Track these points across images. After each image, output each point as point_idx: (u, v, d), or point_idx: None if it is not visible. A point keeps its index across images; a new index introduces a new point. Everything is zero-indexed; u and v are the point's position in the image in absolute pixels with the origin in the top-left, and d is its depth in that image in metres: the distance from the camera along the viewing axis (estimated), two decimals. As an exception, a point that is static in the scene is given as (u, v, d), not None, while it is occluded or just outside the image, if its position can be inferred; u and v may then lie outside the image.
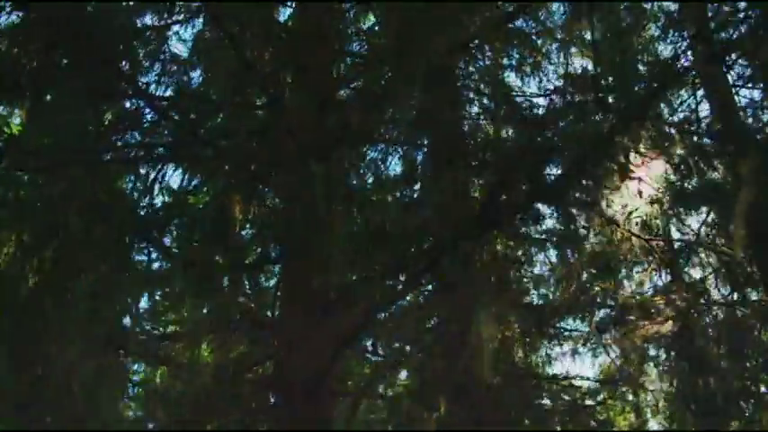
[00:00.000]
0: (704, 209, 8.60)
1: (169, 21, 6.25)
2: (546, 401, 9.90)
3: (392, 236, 4.77)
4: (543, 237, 8.59)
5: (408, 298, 7.01)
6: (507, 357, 9.01)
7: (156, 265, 6.05)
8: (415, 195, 8.94)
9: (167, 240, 6.83)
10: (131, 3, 6.08)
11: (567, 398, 10.11)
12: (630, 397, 11.10)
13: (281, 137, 5.26)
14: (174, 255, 5.59)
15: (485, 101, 9.30)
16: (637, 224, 6.99)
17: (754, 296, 9.20)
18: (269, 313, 6.58)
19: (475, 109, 9.37)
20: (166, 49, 6.15)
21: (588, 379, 9.53)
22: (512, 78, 9.25)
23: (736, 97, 8.89)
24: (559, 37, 8.48)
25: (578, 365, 11.81)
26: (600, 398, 10.63)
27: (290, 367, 4.87)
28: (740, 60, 7.73)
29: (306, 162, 4.79)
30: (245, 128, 5.64)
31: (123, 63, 5.30)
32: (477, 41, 8.47)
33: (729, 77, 8.48)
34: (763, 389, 9.49)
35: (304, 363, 4.77)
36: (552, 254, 9.39)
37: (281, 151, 5.25)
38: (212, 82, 5.91)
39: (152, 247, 5.51)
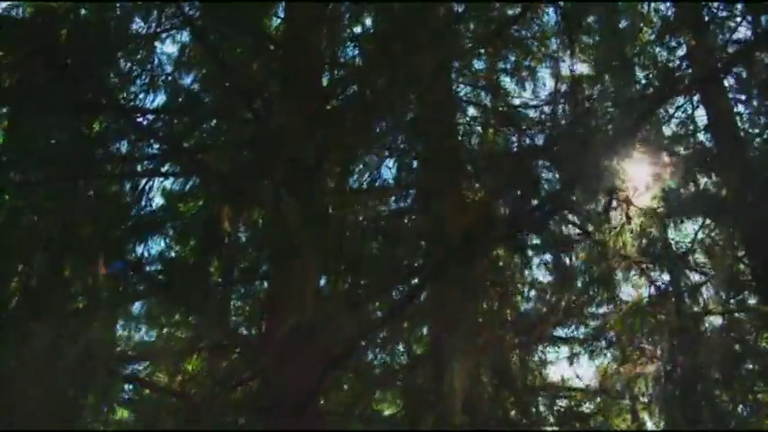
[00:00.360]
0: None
1: (158, 29, 6.15)
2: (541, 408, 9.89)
3: (374, 263, 4.68)
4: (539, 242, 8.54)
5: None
6: (502, 363, 8.98)
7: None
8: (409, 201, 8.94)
9: (162, 243, 6.78)
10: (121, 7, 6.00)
11: (563, 404, 10.11)
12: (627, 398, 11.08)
13: (266, 150, 5.17)
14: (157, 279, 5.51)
15: (478, 104, 9.29)
16: (631, 232, 6.90)
17: (751, 300, 9.18)
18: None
19: (471, 112, 9.35)
20: (154, 58, 6.06)
21: (582, 390, 9.41)
22: (506, 82, 9.22)
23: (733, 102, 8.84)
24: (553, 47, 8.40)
25: (575, 369, 11.77)
26: (597, 401, 10.62)
27: (277, 388, 4.79)
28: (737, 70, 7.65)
29: (290, 181, 4.71)
30: (232, 141, 5.56)
31: (107, 76, 5.20)
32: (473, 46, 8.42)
33: (726, 83, 8.40)
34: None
35: (291, 383, 4.69)
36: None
37: (267, 165, 5.17)
38: (198, 95, 5.81)
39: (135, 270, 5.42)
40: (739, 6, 7.93)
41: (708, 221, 8.21)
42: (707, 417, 8.19)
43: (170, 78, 5.86)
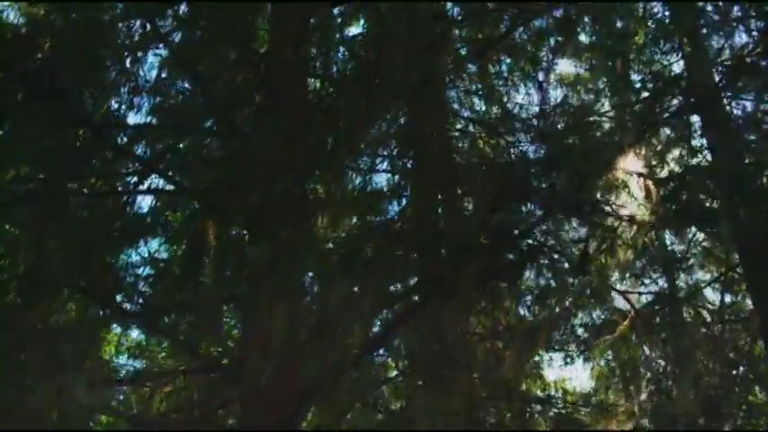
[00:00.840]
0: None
1: (143, 39, 6.03)
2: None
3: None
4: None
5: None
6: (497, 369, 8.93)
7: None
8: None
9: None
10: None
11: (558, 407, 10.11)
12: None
13: (246, 166, 5.10)
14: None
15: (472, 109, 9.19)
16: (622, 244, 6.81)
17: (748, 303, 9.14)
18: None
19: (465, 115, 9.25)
20: (138, 68, 5.95)
21: (575, 404, 9.36)
22: (499, 85, 9.10)
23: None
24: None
25: (571, 371, 11.79)
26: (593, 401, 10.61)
27: (256, 415, 4.72)
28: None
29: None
30: (213, 157, 5.49)
31: (86, 90, 5.11)
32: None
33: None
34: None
35: (270, 411, 4.62)
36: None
37: (246, 181, 5.10)
38: (175, 111, 5.70)
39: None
40: (735, 9, 7.84)
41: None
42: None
43: (151, 89, 5.74)
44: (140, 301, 6.10)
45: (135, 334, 8.10)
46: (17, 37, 5.16)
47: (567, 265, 5.50)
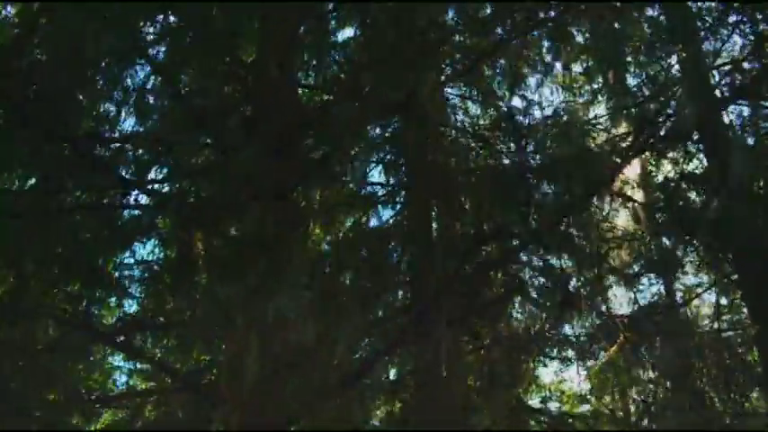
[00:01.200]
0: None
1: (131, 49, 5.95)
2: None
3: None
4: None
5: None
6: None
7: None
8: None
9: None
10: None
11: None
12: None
13: (232, 179, 5.05)
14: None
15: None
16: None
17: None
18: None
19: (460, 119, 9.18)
20: (126, 77, 5.89)
21: (570, 415, 9.33)
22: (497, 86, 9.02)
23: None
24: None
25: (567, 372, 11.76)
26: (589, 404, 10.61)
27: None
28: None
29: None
30: (198, 171, 5.44)
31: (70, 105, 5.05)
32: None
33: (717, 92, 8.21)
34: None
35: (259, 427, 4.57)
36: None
37: (232, 195, 5.05)
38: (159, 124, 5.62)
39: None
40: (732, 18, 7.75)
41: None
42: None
43: (137, 101, 5.68)
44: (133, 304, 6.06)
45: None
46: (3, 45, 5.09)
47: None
